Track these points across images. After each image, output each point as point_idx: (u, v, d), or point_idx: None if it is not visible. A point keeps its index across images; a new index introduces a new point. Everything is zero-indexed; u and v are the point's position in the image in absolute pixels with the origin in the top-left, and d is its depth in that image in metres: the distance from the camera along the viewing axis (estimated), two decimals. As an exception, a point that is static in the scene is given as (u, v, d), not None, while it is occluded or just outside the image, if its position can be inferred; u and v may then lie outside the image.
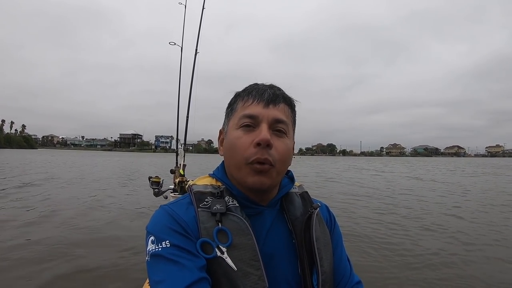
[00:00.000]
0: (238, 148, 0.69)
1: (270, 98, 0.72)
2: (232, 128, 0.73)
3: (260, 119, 0.70)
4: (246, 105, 0.72)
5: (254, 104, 0.71)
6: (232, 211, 0.68)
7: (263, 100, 0.71)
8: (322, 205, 0.83)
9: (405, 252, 4.25)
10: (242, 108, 0.72)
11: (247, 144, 0.69)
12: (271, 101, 0.72)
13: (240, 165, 0.69)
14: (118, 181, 12.64)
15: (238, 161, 0.69)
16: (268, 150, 0.68)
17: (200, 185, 0.74)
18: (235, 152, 0.70)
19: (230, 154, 0.72)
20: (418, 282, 3.33)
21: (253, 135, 0.69)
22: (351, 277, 0.79)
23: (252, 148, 0.68)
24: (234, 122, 0.73)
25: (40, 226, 5.20)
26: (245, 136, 0.69)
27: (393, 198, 9.38)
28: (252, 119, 0.70)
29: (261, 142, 0.67)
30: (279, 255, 0.71)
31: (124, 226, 5.45)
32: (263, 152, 0.67)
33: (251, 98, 0.72)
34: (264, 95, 0.72)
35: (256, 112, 0.70)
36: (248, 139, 0.69)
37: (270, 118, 0.70)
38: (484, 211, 7.43)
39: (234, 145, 0.70)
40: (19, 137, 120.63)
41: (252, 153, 0.67)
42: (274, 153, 0.69)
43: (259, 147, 0.67)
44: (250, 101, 0.72)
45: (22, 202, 7.34)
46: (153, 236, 0.65)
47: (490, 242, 4.82)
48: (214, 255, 0.63)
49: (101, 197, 8.48)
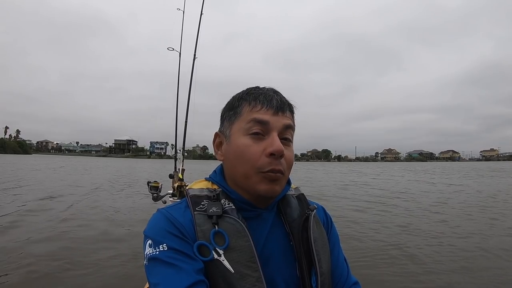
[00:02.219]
0: (249, 157, 0.68)
1: (279, 105, 0.71)
2: (239, 134, 0.71)
3: (271, 126, 0.69)
4: (255, 110, 0.70)
5: (263, 110, 0.70)
6: (229, 214, 0.68)
7: (273, 107, 0.70)
8: (318, 207, 0.84)
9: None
10: (250, 113, 0.70)
11: (258, 153, 0.68)
12: (280, 109, 0.71)
13: (249, 174, 0.68)
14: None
15: (247, 170, 0.68)
16: (280, 161, 0.68)
17: (196, 189, 0.74)
18: (244, 161, 0.69)
19: (237, 162, 0.70)
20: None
21: (264, 144, 0.68)
22: (349, 278, 0.79)
23: (265, 158, 0.67)
24: (240, 126, 0.71)
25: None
26: (255, 145, 0.68)
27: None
28: (263, 125, 0.69)
29: (276, 153, 0.67)
30: (277, 257, 0.71)
31: (122, 232, 5.41)
32: (277, 163, 0.67)
33: (259, 103, 0.70)
34: (273, 102, 0.71)
35: (266, 118, 0.69)
36: (258, 148, 0.68)
37: (280, 126, 0.70)
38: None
39: (243, 154, 0.69)
40: (14, 143, 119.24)
41: (265, 163, 0.67)
42: (284, 162, 0.69)
43: (272, 157, 0.67)
44: (259, 107, 0.70)
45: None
46: (151, 239, 0.65)
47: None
48: (211, 257, 0.63)
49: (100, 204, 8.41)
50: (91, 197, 9.60)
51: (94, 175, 19.24)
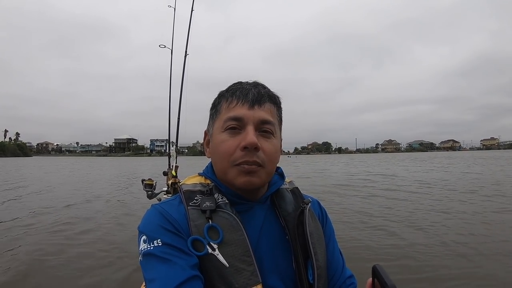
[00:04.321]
0: (224, 152, 0.69)
1: (255, 99, 0.70)
2: (217, 131, 0.72)
3: (246, 121, 0.69)
4: (231, 107, 0.71)
5: (238, 105, 0.70)
6: (222, 208, 0.68)
7: (248, 100, 0.70)
8: (313, 200, 0.83)
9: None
10: (227, 110, 0.71)
11: (233, 147, 0.68)
12: (256, 102, 0.70)
13: (226, 169, 0.69)
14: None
15: (224, 164, 0.69)
16: (255, 153, 0.67)
17: (189, 184, 0.74)
18: (220, 156, 0.70)
19: (216, 158, 0.72)
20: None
21: (239, 138, 0.68)
22: (344, 271, 0.79)
23: (239, 152, 0.67)
24: (219, 124, 0.72)
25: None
26: (230, 140, 0.69)
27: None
28: (237, 121, 0.69)
29: (248, 146, 0.66)
30: (272, 250, 0.71)
31: (119, 229, 5.44)
32: (251, 155, 0.67)
33: (235, 99, 0.71)
34: (248, 96, 0.70)
35: (240, 114, 0.69)
36: (233, 142, 0.68)
37: (256, 119, 0.69)
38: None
39: (219, 149, 0.70)
40: (13, 145, 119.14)
41: (239, 157, 0.67)
42: (262, 155, 0.68)
43: (246, 150, 0.67)
44: (235, 103, 0.71)
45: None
46: (145, 235, 0.64)
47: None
48: (205, 252, 0.63)
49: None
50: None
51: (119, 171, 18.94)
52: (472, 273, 3.43)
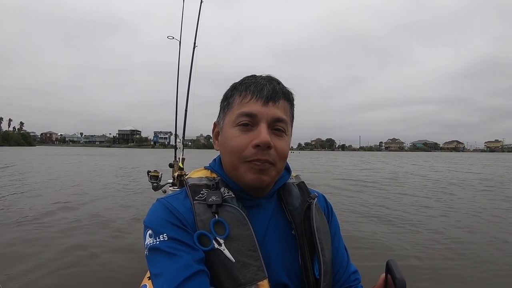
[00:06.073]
0: (235, 148, 0.67)
1: (269, 95, 0.68)
2: (228, 125, 0.71)
3: (259, 118, 0.67)
4: (244, 102, 0.69)
5: (252, 101, 0.68)
6: (229, 202, 0.68)
7: (262, 97, 0.68)
8: (319, 195, 0.83)
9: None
10: (240, 105, 0.69)
11: (244, 144, 0.67)
12: (270, 98, 0.68)
13: (236, 164, 0.68)
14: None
15: (234, 160, 0.68)
16: (268, 151, 0.66)
17: (195, 178, 0.73)
18: (230, 151, 0.68)
19: (226, 153, 0.71)
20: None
21: (251, 135, 0.67)
22: (348, 267, 0.80)
23: (251, 149, 0.66)
24: (231, 118, 0.70)
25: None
26: (242, 136, 0.67)
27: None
28: (250, 117, 0.67)
29: (261, 145, 0.65)
30: (279, 245, 0.70)
31: (123, 221, 5.47)
32: (263, 153, 0.66)
33: (249, 93, 0.69)
34: (263, 91, 0.68)
35: (254, 110, 0.67)
36: (245, 139, 0.67)
37: (270, 117, 0.68)
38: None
39: (230, 144, 0.68)
40: (17, 135, 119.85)
41: (250, 154, 0.66)
42: (274, 154, 0.67)
43: (258, 148, 0.65)
44: (248, 98, 0.69)
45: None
46: (151, 229, 0.64)
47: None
48: (211, 247, 0.63)
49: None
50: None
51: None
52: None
